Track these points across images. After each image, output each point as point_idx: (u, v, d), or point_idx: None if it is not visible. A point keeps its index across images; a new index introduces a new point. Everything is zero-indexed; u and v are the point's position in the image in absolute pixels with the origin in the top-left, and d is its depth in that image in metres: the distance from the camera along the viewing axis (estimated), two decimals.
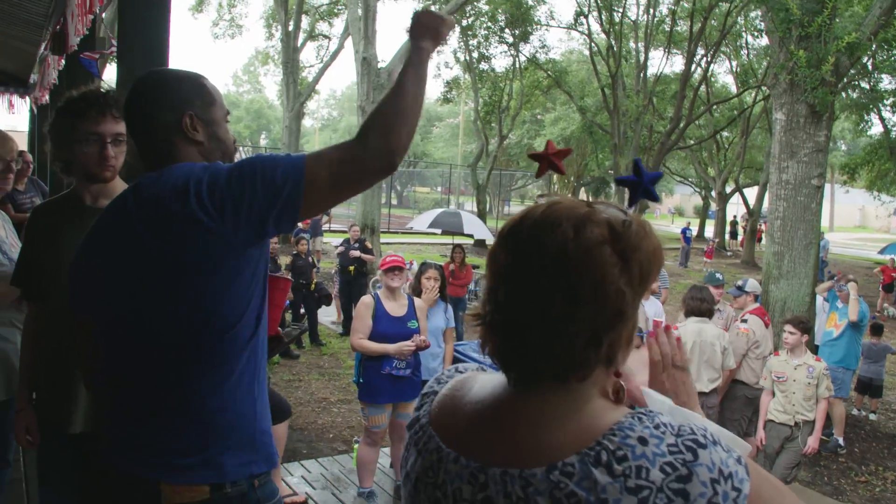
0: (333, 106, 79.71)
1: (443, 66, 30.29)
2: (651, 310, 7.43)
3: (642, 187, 1.16)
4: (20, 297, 2.60)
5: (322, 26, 29.82)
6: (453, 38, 27.86)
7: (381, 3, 25.37)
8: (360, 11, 18.72)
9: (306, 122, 74.02)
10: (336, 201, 1.70)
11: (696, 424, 0.98)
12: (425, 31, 1.75)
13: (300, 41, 27.33)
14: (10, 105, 9.98)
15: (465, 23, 26.30)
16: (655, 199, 1.19)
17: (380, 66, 19.18)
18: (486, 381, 1.13)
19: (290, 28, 25.83)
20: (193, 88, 1.82)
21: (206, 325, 1.64)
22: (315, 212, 1.71)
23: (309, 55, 35.45)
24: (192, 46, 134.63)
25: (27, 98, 9.42)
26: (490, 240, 22.02)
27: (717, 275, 7.76)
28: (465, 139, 49.39)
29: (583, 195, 49.68)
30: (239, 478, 1.69)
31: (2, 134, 2.87)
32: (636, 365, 1.21)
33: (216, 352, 1.65)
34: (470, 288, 13.53)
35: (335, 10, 28.26)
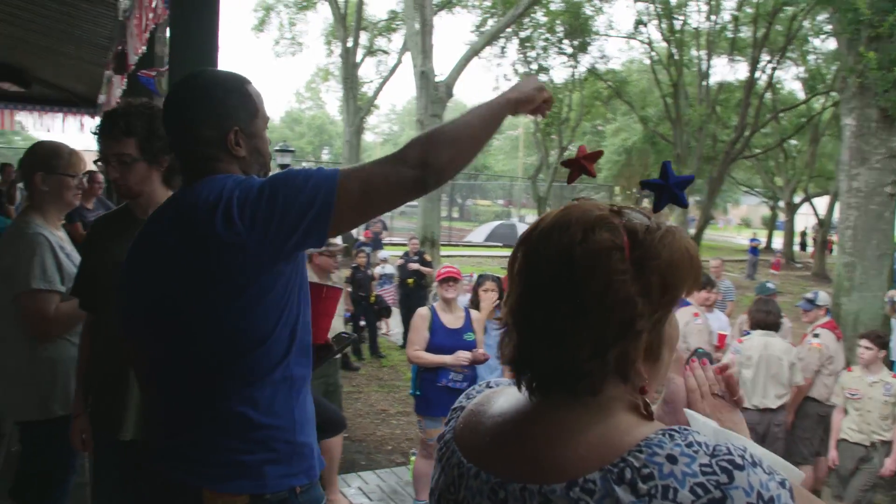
0: (394, 121, 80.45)
1: (502, 78, 30.24)
2: (715, 323, 7.21)
3: (668, 191, 1.10)
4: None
5: (381, 42, 30.14)
6: (511, 49, 27.88)
7: (438, 18, 25.55)
8: (417, 26, 18.83)
9: (367, 138, 74.93)
10: (367, 217, 1.67)
11: (735, 444, 0.91)
12: (518, 87, 1.76)
13: (359, 57, 27.66)
14: (81, 125, 10.35)
15: (522, 34, 26.26)
16: (683, 203, 1.11)
17: (437, 79, 19.26)
18: (511, 394, 1.08)
19: (349, 44, 26.15)
20: (240, 101, 1.75)
21: (236, 342, 1.62)
22: (346, 227, 1.66)
23: (368, 71, 35.87)
24: (254, 65, 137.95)
25: (97, 118, 9.73)
26: None
27: (769, 284, 7.50)
28: (525, 151, 49.23)
29: (646, 206, 49.00)
30: (280, 489, 1.68)
31: (72, 150, 2.93)
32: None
33: (248, 367, 1.63)
34: None
35: (393, 26, 28.53)
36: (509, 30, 25.01)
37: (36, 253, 2.74)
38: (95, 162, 2.66)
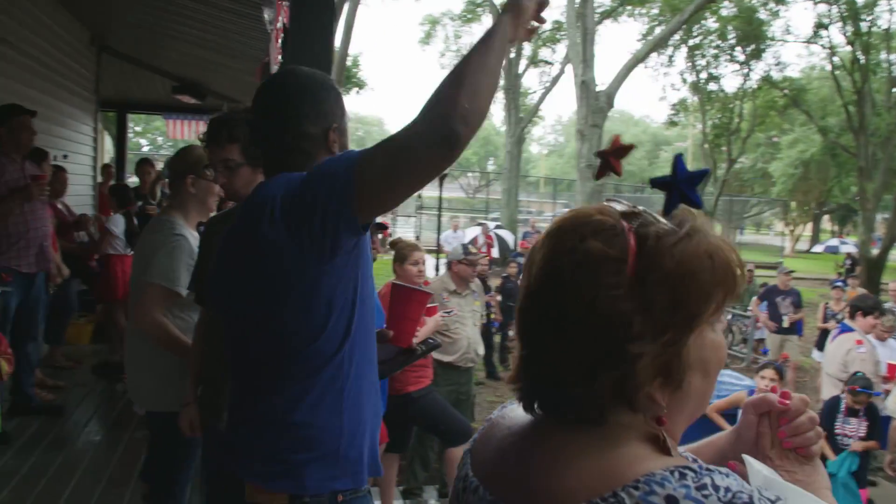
0: (560, 132, 79.99)
1: (669, 87, 29.33)
2: (884, 352, 6.61)
3: (677, 189, 0.91)
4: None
5: (545, 52, 30.08)
6: (679, 58, 26.97)
7: (603, 27, 25.16)
8: (579, 36, 18.65)
9: (533, 149, 75.11)
10: (395, 191, 1.52)
11: (768, 494, 0.79)
12: (509, 5, 1.54)
13: (522, 67, 27.73)
14: None
15: (691, 42, 25.34)
16: (696, 203, 0.91)
17: (598, 89, 18.96)
18: None
19: (511, 55, 26.28)
20: (335, 99, 1.78)
21: (282, 339, 1.64)
22: (374, 205, 1.53)
23: (532, 81, 35.82)
24: (422, 77, 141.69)
25: None
26: None
27: None
28: (693, 164, 47.43)
29: (826, 224, 45.86)
30: (320, 492, 1.67)
31: None
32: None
33: (294, 367, 1.64)
34: None
35: (557, 37, 28.39)
36: (677, 37, 24.24)
37: (174, 253, 2.90)
38: (205, 168, 2.80)
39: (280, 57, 3.81)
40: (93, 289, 7.05)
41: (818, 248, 37.66)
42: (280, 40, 3.51)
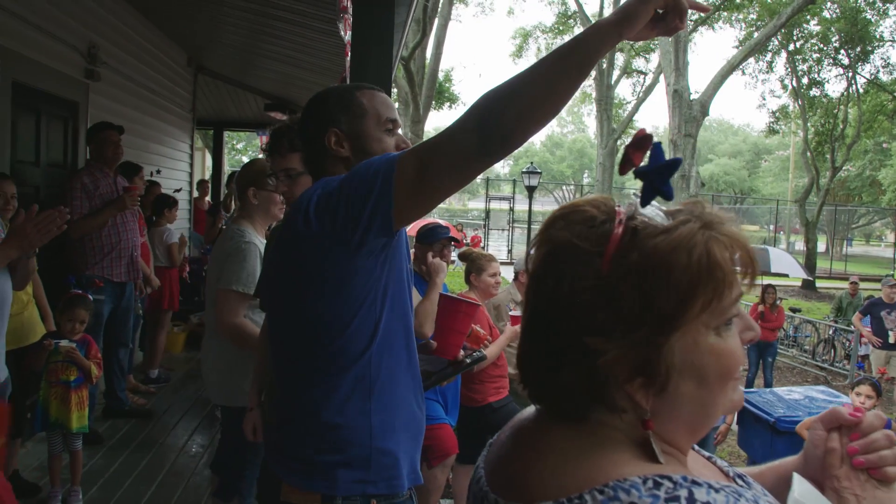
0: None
1: (768, 94, 28.36)
2: None
3: (647, 180, 0.86)
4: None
5: (638, 62, 29.62)
6: (779, 63, 26.05)
7: (698, 34, 24.58)
8: (671, 43, 18.29)
9: None
10: (430, 195, 1.47)
11: None
12: (618, 9, 1.28)
13: (614, 78, 27.38)
14: None
15: (791, 47, 24.45)
16: (667, 195, 0.86)
17: (692, 97, 18.53)
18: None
19: (604, 66, 26.00)
20: (340, 103, 1.82)
21: (312, 333, 1.67)
22: (411, 210, 1.50)
23: (625, 91, 35.23)
24: None
25: None
26: (801, 277, 19.91)
27: None
28: (795, 173, 45.57)
29: None
30: (352, 494, 1.67)
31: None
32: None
33: (322, 363, 1.67)
34: (785, 331, 12.47)
35: (651, 46, 27.90)
36: (776, 42, 23.43)
37: (246, 258, 3.05)
38: (268, 178, 2.90)
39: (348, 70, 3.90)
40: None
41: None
42: (349, 54, 3.59)
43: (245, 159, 46.05)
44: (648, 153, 0.92)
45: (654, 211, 0.86)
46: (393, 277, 1.69)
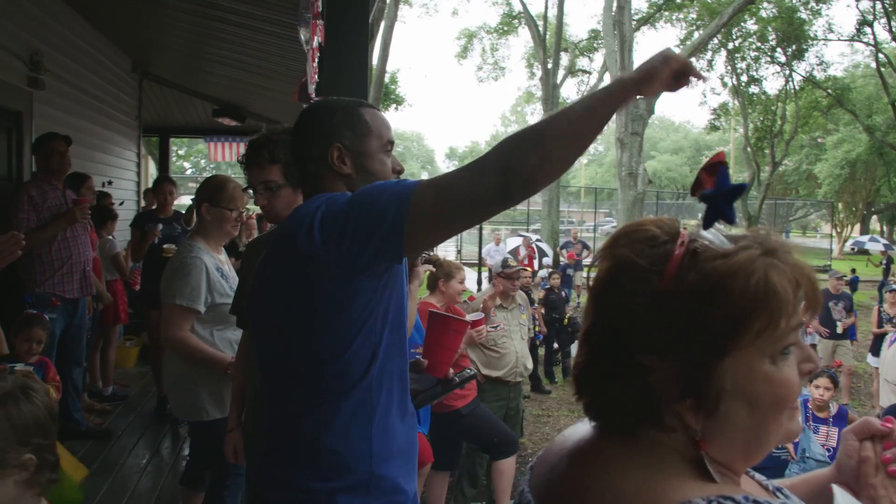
0: (600, 140, 79.52)
1: (709, 92, 29.01)
2: None
3: (716, 203, 0.87)
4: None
5: (583, 62, 29.95)
6: (719, 61, 26.67)
7: (640, 34, 24.98)
8: (616, 43, 18.52)
9: None
10: (448, 231, 1.48)
11: None
12: (643, 65, 1.35)
13: (560, 78, 27.63)
14: None
15: (731, 45, 25.01)
16: (729, 219, 0.88)
17: (638, 97, 18.77)
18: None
19: (550, 66, 26.21)
20: (345, 119, 1.77)
21: (308, 358, 1.61)
22: (425, 242, 1.53)
23: (570, 91, 35.66)
24: (459, 91, 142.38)
25: None
26: None
27: None
28: (736, 168, 46.67)
29: (875, 225, 44.75)
30: None
31: (235, 186, 3.22)
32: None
33: (320, 387, 1.61)
34: None
35: (595, 45, 28.25)
36: (716, 41, 23.95)
37: (190, 273, 3.03)
38: (244, 190, 2.82)
39: (317, 76, 3.81)
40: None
41: (848, 247, 36.72)
42: (317, 60, 3.51)
43: (186, 165, 45.40)
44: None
45: (717, 235, 0.86)
46: (394, 299, 1.65)
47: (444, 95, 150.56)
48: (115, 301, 6.45)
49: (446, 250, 25.42)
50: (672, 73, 1.33)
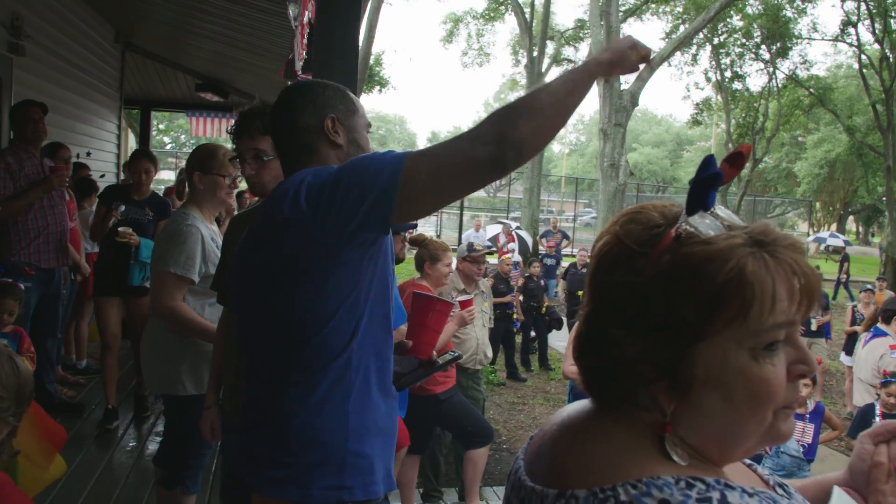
0: (581, 131, 79.71)
1: (692, 86, 29.18)
2: None
3: (695, 188, 0.86)
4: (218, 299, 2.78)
5: (568, 50, 29.92)
6: (703, 56, 26.78)
7: (627, 25, 24.99)
8: (602, 34, 18.51)
9: (555, 148, 74.92)
10: (439, 201, 1.53)
11: None
12: (609, 47, 1.56)
13: (545, 66, 27.59)
14: None
15: (716, 41, 25.10)
16: (705, 207, 0.86)
17: (622, 87, 18.80)
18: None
19: (535, 54, 26.15)
20: (337, 94, 1.83)
21: (290, 329, 1.60)
22: (416, 212, 1.54)
23: None
24: (443, 76, 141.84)
25: None
26: None
27: None
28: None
29: (851, 225, 45.28)
30: (326, 500, 1.62)
31: (226, 152, 3.14)
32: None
33: (300, 361, 1.60)
34: None
35: (581, 35, 28.22)
36: (701, 36, 24.01)
37: (186, 241, 2.97)
38: (231, 160, 2.78)
39: (305, 53, 3.76)
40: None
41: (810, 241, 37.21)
42: (306, 36, 3.47)
43: (166, 140, 44.88)
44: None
45: (713, 223, 0.85)
46: (378, 274, 1.65)
47: (428, 79, 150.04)
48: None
49: (425, 235, 25.36)
50: (638, 58, 1.53)
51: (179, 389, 3.03)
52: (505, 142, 1.39)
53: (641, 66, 1.59)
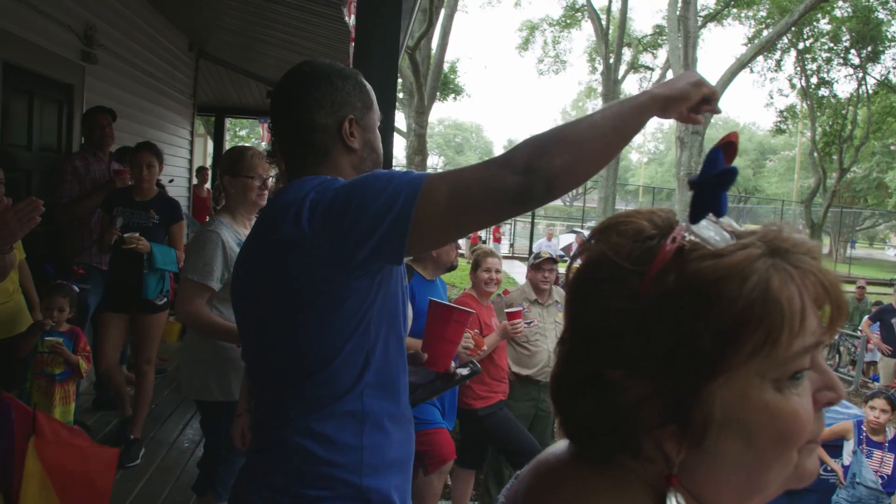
0: (660, 139, 78.25)
1: (776, 93, 28.23)
2: None
3: (699, 192, 0.73)
4: None
5: (646, 58, 29.42)
6: (788, 62, 25.90)
7: (707, 31, 24.39)
8: (680, 39, 18.11)
9: (632, 157, 73.81)
10: (459, 231, 1.35)
11: None
12: (670, 82, 1.33)
13: (621, 73, 27.19)
14: None
15: (801, 45, 24.24)
16: (719, 210, 0.73)
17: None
18: None
19: (611, 61, 25.79)
20: (355, 90, 1.63)
21: (296, 362, 1.49)
22: (432, 241, 1.39)
23: (632, 87, 35.09)
24: (518, 83, 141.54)
25: None
26: None
27: None
28: (802, 173, 45.34)
29: None
30: None
31: (254, 153, 3.12)
32: None
33: (312, 393, 1.49)
34: None
35: (658, 42, 27.69)
36: (785, 40, 23.25)
37: (204, 247, 2.97)
38: (263, 159, 2.76)
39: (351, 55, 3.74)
40: None
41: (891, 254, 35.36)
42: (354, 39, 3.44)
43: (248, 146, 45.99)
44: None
45: (718, 231, 0.71)
46: (390, 297, 1.53)
47: (503, 87, 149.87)
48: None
49: (500, 242, 25.23)
50: (700, 98, 1.30)
51: (206, 395, 3.04)
52: (535, 173, 1.23)
53: (704, 112, 1.35)
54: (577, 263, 0.78)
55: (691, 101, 1.30)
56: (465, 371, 2.56)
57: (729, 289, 0.65)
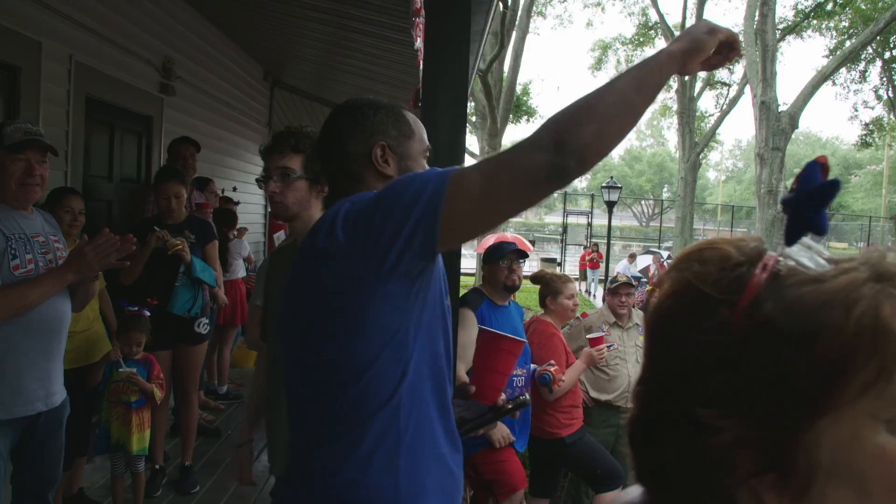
0: (738, 156, 76.45)
1: (861, 105, 27.21)
2: None
3: (799, 209, 0.66)
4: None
5: (722, 73, 28.79)
6: (873, 73, 24.97)
7: (786, 44, 23.73)
8: (758, 53, 17.64)
9: (710, 175, 72.21)
10: (493, 217, 1.30)
11: None
12: (683, 35, 1.31)
13: (696, 90, 26.65)
14: None
15: (887, 55, 23.32)
16: (820, 229, 0.66)
17: (780, 109, 17.78)
18: None
19: (686, 77, 25.30)
20: (389, 118, 1.67)
21: (329, 373, 1.44)
22: (460, 233, 1.33)
23: (708, 103, 34.36)
24: None
25: None
26: None
27: None
28: (890, 188, 43.48)
29: None
30: None
31: None
32: None
33: (342, 410, 1.43)
34: None
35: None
36: (870, 50, 22.41)
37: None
38: (257, 181, 2.67)
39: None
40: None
41: None
42: (421, 63, 3.39)
43: None
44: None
45: (812, 256, 0.64)
46: (429, 306, 1.47)
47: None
48: (235, 301, 6.55)
49: (575, 266, 24.92)
50: (717, 44, 1.29)
51: None
52: (564, 148, 1.19)
53: (725, 60, 1.33)
54: (656, 297, 0.70)
55: (709, 50, 1.29)
56: (513, 403, 2.44)
57: (833, 317, 0.58)
